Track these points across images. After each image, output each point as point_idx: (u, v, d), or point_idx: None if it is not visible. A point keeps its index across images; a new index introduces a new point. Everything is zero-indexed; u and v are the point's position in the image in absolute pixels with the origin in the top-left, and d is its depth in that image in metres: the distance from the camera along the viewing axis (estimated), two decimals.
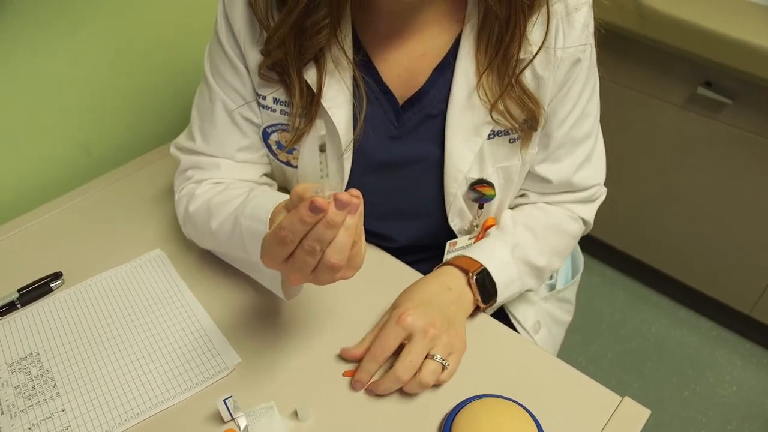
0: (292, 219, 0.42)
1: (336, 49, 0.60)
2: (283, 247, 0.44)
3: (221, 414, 0.57)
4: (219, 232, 0.63)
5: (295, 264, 0.45)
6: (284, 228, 0.43)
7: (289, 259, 0.45)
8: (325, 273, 0.45)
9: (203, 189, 0.69)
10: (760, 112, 1.23)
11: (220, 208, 0.63)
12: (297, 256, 0.44)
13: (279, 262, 0.46)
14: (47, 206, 0.82)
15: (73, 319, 0.68)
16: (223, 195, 0.66)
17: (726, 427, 1.39)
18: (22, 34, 0.78)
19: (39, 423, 0.58)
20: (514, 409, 0.56)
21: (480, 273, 0.64)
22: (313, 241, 0.43)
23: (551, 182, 0.69)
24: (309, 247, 0.43)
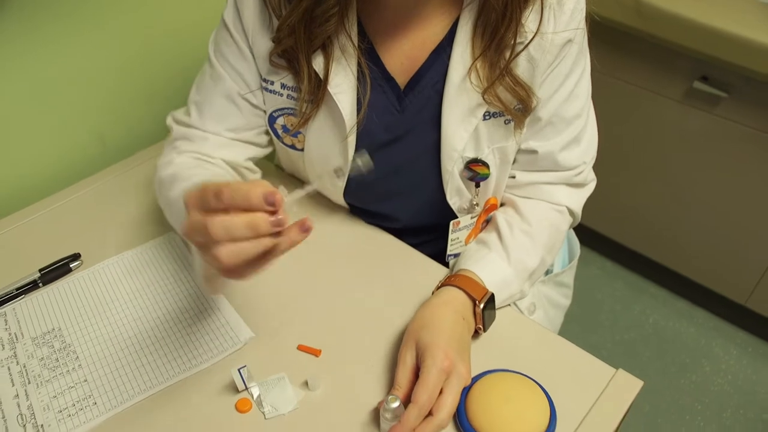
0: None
1: (343, 38, 0.63)
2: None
3: (236, 383, 0.60)
4: (175, 202, 0.61)
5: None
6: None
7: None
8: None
9: (181, 159, 0.69)
10: (755, 106, 1.26)
11: (182, 181, 0.63)
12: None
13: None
14: (65, 192, 0.86)
15: (92, 296, 0.71)
16: (194, 170, 0.66)
17: (721, 414, 1.42)
18: (43, 28, 0.81)
19: (63, 392, 0.62)
20: (523, 380, 0.60)
21: (487, 300, 0.64)
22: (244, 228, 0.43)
23: (537, 153, 0.70)
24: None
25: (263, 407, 0.59)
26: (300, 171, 0.81)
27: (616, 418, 0.59)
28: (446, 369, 0.56)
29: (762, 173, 1.32)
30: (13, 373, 0.63)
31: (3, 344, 0.66)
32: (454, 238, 0.74)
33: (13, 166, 0.87)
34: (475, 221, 0.74)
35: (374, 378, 0.62)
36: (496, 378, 0.60)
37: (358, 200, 0.77)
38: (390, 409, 0.55)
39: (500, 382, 0.59)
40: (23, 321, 0.69)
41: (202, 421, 0.59)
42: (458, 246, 0.75)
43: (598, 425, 0.58)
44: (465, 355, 0.60)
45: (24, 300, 0.71)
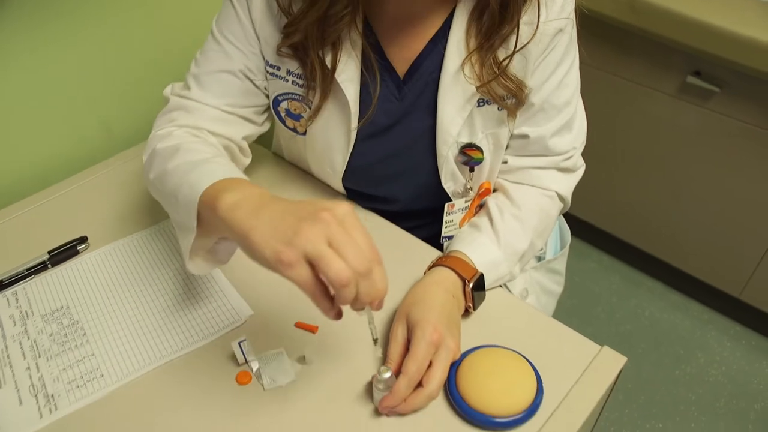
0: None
1: (354, 33, 0.66)
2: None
3: (236, 356, 0.63)
4: (172, 172, 0.61)
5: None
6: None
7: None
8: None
9: (180, 133, 0.69)
10: (747, 100, 1.28)
11: (185, 154, 0.63)
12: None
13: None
14: (72, 179, 0.89)
15: (98, 277, 0.74)
16: (196, 144, 0.66)
17: (715, 404, 1.44)
18: (51, 22, 0.84)
19: (72, 365, 0.64)
20: (512, 355, 0.62)
21: (476, 280, 0.67)
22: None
23: (528, 137, 0.73)
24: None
25: (262, 379, 0.62)
26: (300, 154, 0.83)
27: (600, 390, 0.62)
28: (435, 342, 0.59)
29: (755, 167, 1.35)
30: (25, 348, 0.66)
31: (15, 321, 0.69)
32: (448, 220, 0.77)
33: (24, 154, 0.90)
34: (469, 205, 0.77)
35: (368, 353, 0.65)
36: (485, 352, 0.62)
37: (357, 184, 0.80)
38: (382, 379, 0.57)
39: (490, 356, 0.62)
40: (33, 299, 0.72)
41: (205, 392, 0.62)
42: (452, 228, 0.78)
43: (582, 397, 0.61)
44: (454, 330, 0.62)
45: (34, 280, 0.74)
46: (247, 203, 0.51)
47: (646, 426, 1.40)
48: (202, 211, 0.55)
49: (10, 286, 0.73)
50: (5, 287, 0.72)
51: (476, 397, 0.58)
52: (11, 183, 0.89)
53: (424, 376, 0.58)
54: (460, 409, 0.58)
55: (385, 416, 0.59)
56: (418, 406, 0.58)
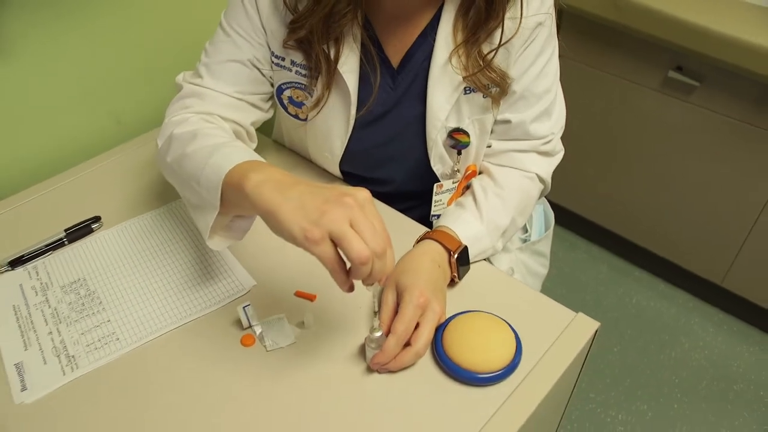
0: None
1: (356, 28, 0.72)
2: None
3: (241, 321, 0.69)
4: (192, 155, 0.65)
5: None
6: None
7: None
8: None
9: (196, 119, 0.73)
10: (726, 94, 1.34)
11: (204, 138, 0.67)
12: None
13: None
14: (85, 164, 0.94)
15: (112, 252, 0.80)
16: (213, 130, 0.70)
17: (697, 386, 1.50)
18: (64, 14, 0.90)
19: (90, 330, 0.70)
20: (494, 319, 0.68)
21: (460, 252, 0.73)
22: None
23: (510, 122, 0.79)
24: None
25: (265, 342, 0.68)
26: (300, 140, 0.89)
27: (574, 352, 0.68)
28: (422, 305, 0.64)
29: (735, 158, 1.41)
30: (46, 315, 0.72)
31: (36, 291, 0.75)
32: (437, 200, 0.83)
33: (39, 141, 0.96)
34: (456, 186, 0.83)
35: (361, 319, 0.71)
36: (469, 316, 0.68)
37: (353, 168, 0.86)
38: (373, 338, 0.63)
39: (473, 319, 0.67)
40: (52, 273, 0.77)
41: (212, 353, 0.67)
42: (441, 207, 0.84)
43: (558, 357, 0.67)
44: (440, 295, 0.68)
45: (52, 255, 0.80)
46: (272, 182, 0.56)
47: (632, 408, 1.46)
48: (225, 191, 0.60)
49: (31, 260, 0.78)
50: (26, 262, 0.78)
51: (460, 355, 0.64)
52: (29, 168, 0.95)
53: (411, 336, 0.64)
54: (445, 366, 0.64)
55: (377, 373, 0.65)
56: (407, 364, 0.64)
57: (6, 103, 0.89)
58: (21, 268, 0.78)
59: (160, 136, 0.75)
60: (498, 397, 0.63)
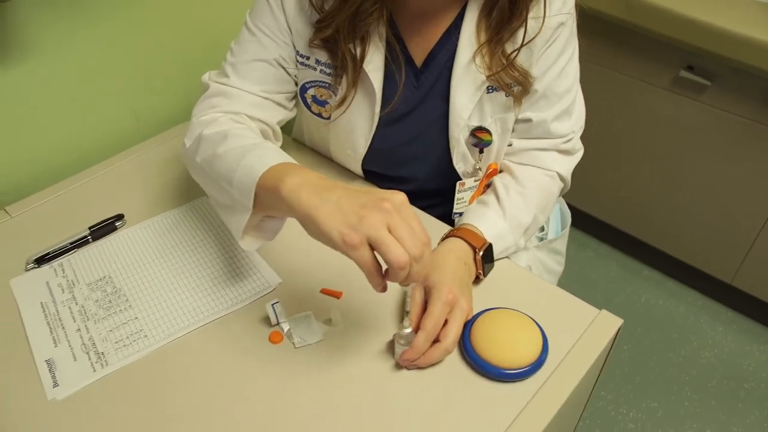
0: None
1: (382, 27, 0.72)
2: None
3: (270, 318, 0.69)
4: (223, 156, 0.66)
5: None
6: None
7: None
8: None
9: (225, 120, 0.73)
10: (738, 93, 1.35)
11: (234, 139, 0.68)
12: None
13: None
14: (105, 163, 0.95)
15: (137, 250, 0.80)
16: (242, 131, 0.71)
17: (707, 384, 1.51)
18: (82, 12, 0.90)
19: (117, 327, 0.71)
20: (520, 316, 0.68)
21: (485, 249, 0.73)
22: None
23: (531, 121, 0.80)
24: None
25: (293, 339, 0.68)
26: (322, 139, 0.90)
27: (599, 348, 0.68)
28: (450, 302, 0.65)
29: (745, 157, 1.41)
30: (74, 312, 0.72)
31: (63, 288, 0.75)
32: (459, 197, 0.83)
33: (60, 140, 0.96)
34: (477, 184, 0.83)
35: (387, 316, 0.71)
36: (497, 313, 0.69)
37: (376, 166, 0.86)
38: (403, 335, 0.64)
39: (500, 316, 0.68)
40: (78, 270, 0.78)
41: (241, 350, 0.68)
42: (463, 205, 0.85)
43: (583, 354, 0.67)
44: (466, 292, 0.69)
45: (77, 253, 0.80)
46: (309, 185, 0.56)
47: (642, 405, 1.47)
48: (259, 193, 0.60)
49: (56, 258, 0.79)
50: (52, 259, 0.79)
51: (488, 352, 0.65)
52: (50, 167, 0.96)
53: (440, 332, 0.64)
54: (473, 362, 0.65)
55: (405, 369, 0.65)
56: (436, 360, 0.65)
57: (25, 101, 0.90)
58: (47, 265, 0.78)
59: (187, 135, 0.75)
60: (525, 393, 0.64)
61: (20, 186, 0.93)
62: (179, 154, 0.96)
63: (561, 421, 0.67)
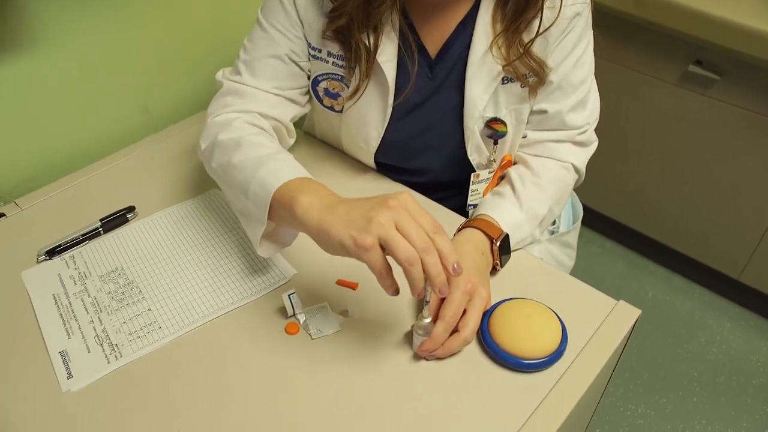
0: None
1: (395, 16, 0.72)
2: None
3: (286, 308, 0.68)
4: (238, 166, 0.67)
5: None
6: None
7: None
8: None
9: (239, 124, 0.73)
10: (746, 88, 1.34)
11: (249, 148, 0.69)
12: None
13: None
14: (115, 155, 0.94)
15: (149, 242, 0.79)
16: (256, 137, 0.71)
17: (715, 380, 1.50)
18: (92, 4, 0.90)
19: (131, 319, 0.70)
20: (539, 306, 0.68)
21: (502, 240, 0.73)
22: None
23: (547, 112, 0.79)
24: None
25: (310, 330, 0.68)
26: (333, 132, 0.89)
27: (618, 339, 0.68)
28: (469, 291, 0.64)
29: (754, 153, 1.41)
30: (86, 304, 0.72)
31: (75, 280, 0.74)
32: (474, 189, 0.83)
33: (71, 132, 0.95)
34: (492, 176, 0.83)
35: (404, 306, 0.71)
36: (515, 303, 0.68)
37: (389, 158, 0.86)
38: (422, 325, 0.63)
39: (519, 306, 0.67)
40: (90, 262, 0.77)
41: (257, 342, 0.67)
42: (477, 197, 0.84)
43: (602, 344, 0.67)
44: (485, 281, 0.68)
45: (88, 245, 0.79)
46: (320, 203, 0.59)
47: (651, 401, 1.46)
48: (274, 206, 0.63)
49: (68, 250, 0.78)
50: (63, 251, 0.78)
51: (507, 341, 0.64)
52: (60, 159, 0.95)
53: (459, 322, 0.64)
54: (492, 352, 0.64)
55: (424, 360, 0.65)
56: (455, 350, 0.64)
57: (36, 93, 0.89)
58: (58, 257, 0.77)
59: (202, 136, 0.76)
60: (545, 383, 0.63)
61: (30, 179, 0.93)
62: (190, 146, 0.96)
63: (580, 412, 0.67)
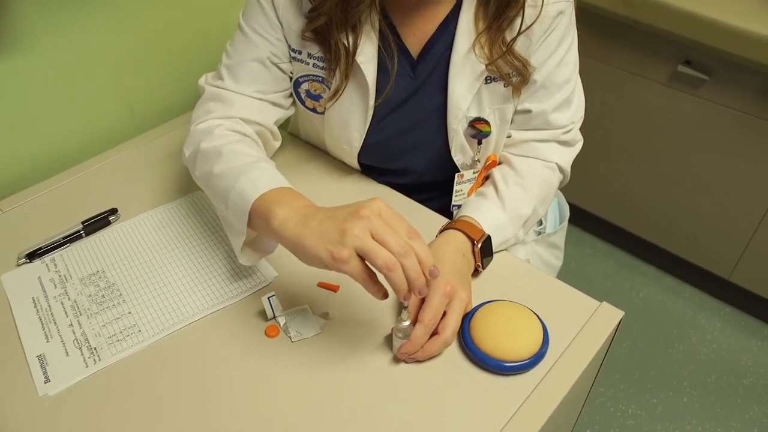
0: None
1: (374, 15, 0.72)
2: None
3: (266, 311, 0.68)
4: (219, 176, 0.68)
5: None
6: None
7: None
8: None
9: (221, 132, 0.73)
10: (735, 88, 1.34)
11: (229, 157, 0.69)
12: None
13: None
14: (99, 157, 0.93)
15: (130, 244, 0.79)
16: (237, 146, 0.71)
17: (706, 379, 1.50)
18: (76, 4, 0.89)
19: (111, 322, 0.69)
20: (520, 308, 0.67)
21: (483, 241, 0.72)
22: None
23: (531, 112, 0.79)
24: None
25: (290, 332, 0.67)
26: (317, 133, 0.89)
27: (600, 340, 0.68)
28: (448, 293, 0.64)
29: (743, 152, 1.41)
30: (66, 307, 0.71)
31: (55, 283, 0.74)
32: (458, 189, 0.82)
33: (53, 133, 0.95)
34: (476, 176, 0.83)
35: (385, 309, 0.70)
36: (496, 305, 0.68)
37: (372, 159, 0.85)
38: (401, 328, 0.63)
39: (500, 308, 0.67)
40: (70, 265, 0.76)
41: (236, 345, 0.67)
42: (461, 197, 0.84)
43: (584, 346, 0.67)
44: (465, 283, 0.68)
45: (70, 248, 0.79)
46: (295, 215, 0.60)
47: (642, 401, 1.46)
48: (253, 217, 0.64)
49: (49, 252, 0.78)
50: (44, 254, 0.77)
51: (488, 344, 0.64)
52: (43, 161, 0.94)
53: (439, 325, 0.63)
54: (473, 355, 0.64)
55: (404, 363, 0.64)
56: (435, 353, 0.64)
57: (18, 95, 0.88)
58: (39, 260, 0.77)
59: (186, 144, 0.76)
60: (526, 385, 0.63)
61: (13, 181, 0.92)
62: (174, 148, 0.95)
63: (562, 414, 0.66)
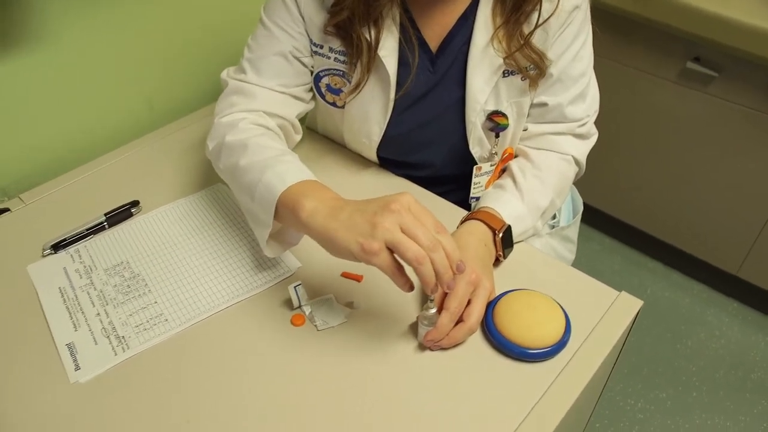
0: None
1: (395, 9, 0.73)
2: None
3: (291, 300, 0.69)
4: (245, 168, 0.69)
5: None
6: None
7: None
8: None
9: (246, 125, 0.74)
10: (744, 85, 1.35)
11: (255, 150, 0.70)
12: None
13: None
14: (119, 150, 0.94)
15: (153, 236, 0.80)
16: (263, 139, 0.72)
17: (714, 374, 1.51)
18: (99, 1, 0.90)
19: (137, 311, 0.70)
20: (542, 296, 0.68)
21: (504, 231, 0.74)
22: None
23: (547, 105, 0.80)
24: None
25: (315, 321, 0.68)
26: (336, 127, 0.90)
27: (620, 329, 0.68)
28: (473, 281, 0.65)
29: (752, 149, 1.42)
30: (92, 297, 0.72)
31: (80, 274, 0.75)
32: (476, 182, 0.83)
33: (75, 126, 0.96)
34: (494, 169, 0.83)
35: (409, 297, 0.71)
36: (519, 294, 0.68)
37: (391, 153, 0.86)
38: (427, 315, 0.64)
39: (523, 296, 0.68)
40: (95, 256, 0.77)
41: (263, 333, 0.68)
42: (479, 190, 0.85)
43: (605, 335, 0.68)
44: (488, 272, 0.69)
45: (93, 239, 0.80)
46: (323, 208, 0.60)
47: (651, 396, 1.47)
48: (280, 209, 0.64)
49: (72, 244, 0.78)
50: (68, 245, 0.78)
51: (512, 332, 0.64)
52: (64, 153, 0.95)
53: (464, 312, 0.64)
54: (497, 342, 0.65)
55: (429, 350, 0.65)
56: (460, 340, 0.65)
57: (41, 88, 0.89)
58: (63, 251, 0.78)
59: (210, 136, 0.77)
60: (549, 373, 0.64)
61: (34, 174, 0.93)
62: (193, 142, 0.96)
63: (583, 402, 0.67)
